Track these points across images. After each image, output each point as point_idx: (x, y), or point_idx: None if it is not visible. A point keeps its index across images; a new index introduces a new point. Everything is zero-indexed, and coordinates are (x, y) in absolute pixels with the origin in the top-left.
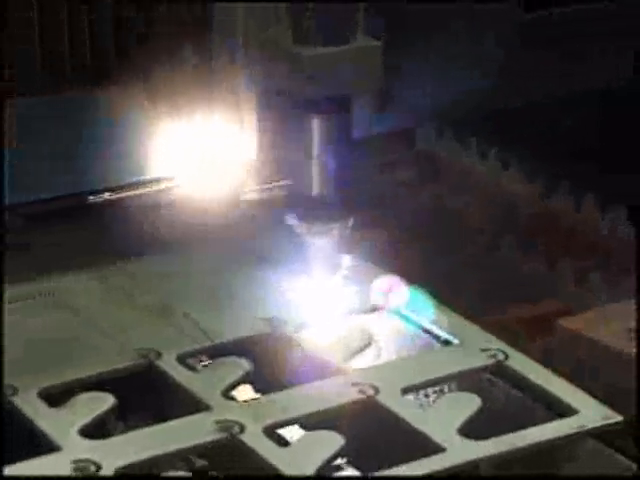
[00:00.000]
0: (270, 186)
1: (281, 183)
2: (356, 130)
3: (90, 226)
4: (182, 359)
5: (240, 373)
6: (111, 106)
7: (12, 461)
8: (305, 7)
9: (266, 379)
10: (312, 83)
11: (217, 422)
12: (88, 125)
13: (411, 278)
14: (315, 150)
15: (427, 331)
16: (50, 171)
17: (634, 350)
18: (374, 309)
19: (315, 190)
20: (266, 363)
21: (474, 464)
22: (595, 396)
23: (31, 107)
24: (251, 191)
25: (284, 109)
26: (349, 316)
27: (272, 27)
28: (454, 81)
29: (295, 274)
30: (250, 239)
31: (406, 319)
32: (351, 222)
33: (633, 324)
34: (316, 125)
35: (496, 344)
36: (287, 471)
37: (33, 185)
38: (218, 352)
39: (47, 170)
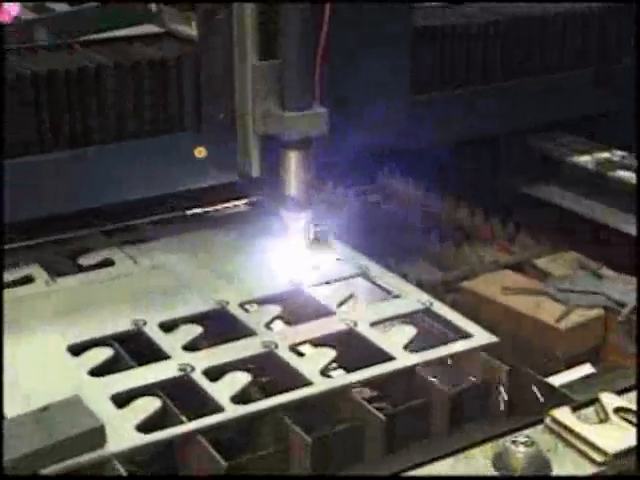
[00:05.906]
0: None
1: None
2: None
3: (187, 226)
4: (242, 305)
5: (275, 314)
6: None
7: (141, 365)
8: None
9: (290, 317)
10: (288, 132)
11: (262, 342)
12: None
13: (362, 248)
14: (292, 170)
15: (384, 289)
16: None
17: (503, 300)
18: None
19: (293, 193)
20: (291, 308)
21: (414, 367)
22: (482, 326)
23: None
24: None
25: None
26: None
27: (268, 99)
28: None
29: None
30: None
31: None
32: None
33: (505, 284)
34: (292, 156)
35: (425, 297)
36: (303, 370)
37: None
38: (263, 301)
39: None
